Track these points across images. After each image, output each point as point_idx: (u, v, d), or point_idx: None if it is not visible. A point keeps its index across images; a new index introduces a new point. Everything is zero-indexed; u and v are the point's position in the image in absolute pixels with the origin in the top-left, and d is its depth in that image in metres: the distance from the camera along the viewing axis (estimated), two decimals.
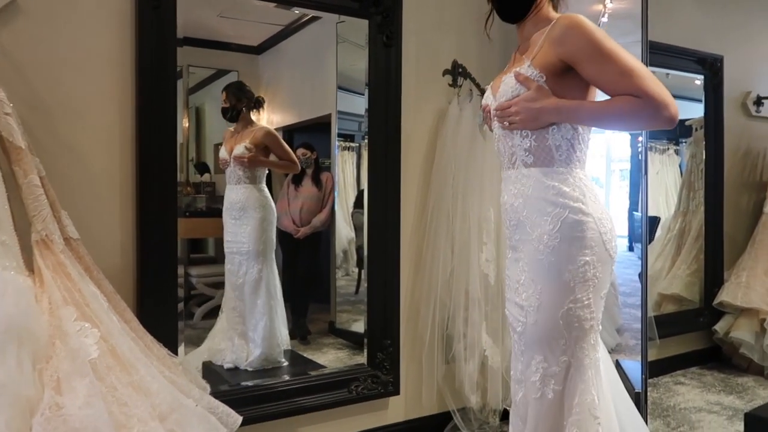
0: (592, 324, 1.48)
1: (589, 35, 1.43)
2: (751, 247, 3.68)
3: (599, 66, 1.43)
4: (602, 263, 1.48)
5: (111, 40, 1.95)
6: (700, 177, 3.80)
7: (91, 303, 1.49)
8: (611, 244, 1.49)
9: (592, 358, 1.48)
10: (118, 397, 1.38)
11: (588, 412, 1.45)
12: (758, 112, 3.96)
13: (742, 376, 3.49)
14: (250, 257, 2.56)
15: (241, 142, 2.56)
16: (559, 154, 1.50)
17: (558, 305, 1.47)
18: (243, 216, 2.57)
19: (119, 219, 1.97)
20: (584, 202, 1.48)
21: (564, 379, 1.48)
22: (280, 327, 2.61)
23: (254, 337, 2.54)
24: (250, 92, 2.58)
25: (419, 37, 2.60)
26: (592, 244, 1.46)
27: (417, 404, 2.62)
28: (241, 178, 2.56)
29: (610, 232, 1.49)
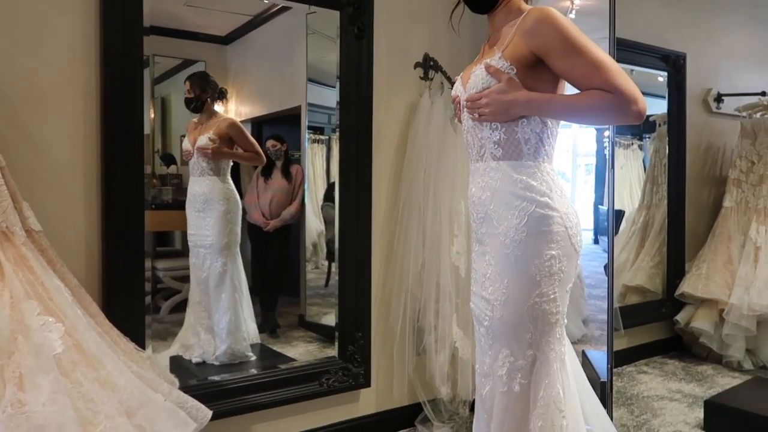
0: (557, 318, 1.49)
1: (560, 28, 1.44)
2: (711, 239, 3.79)
3: (570, 60, 1.43)
4: (568, 257, 1.49)
5: (75, 27, 1.89)
6: (663, 171, 3.90)
7: (55, 297, 1.45)
8: (577, 238, 1.50)
9: (558, 351, 1.50)
10: (84, 393, 1.34)
11: (553, 405, 1.46)
12: (718, 108, 4.08)
13: (701, 365, 3.61)
14: (213, 250, 2.53)
15: (204, 133, 2.52)
16: (527, 148, 1.51)
17: (524, 299, 1.47)
18: (207, 208, 2.53)
19: (83, 211, 1.92)
20: (551, 197, 1.49)
21: (530, 373, 1.49)
22: (246, 321, 2.59)
23: (219, 331, 2.51)
24: (214, 83, 2.54)
25: (391, 29, 2.59)
26: (558, 239, 1.47)
27: (388, 396, 2.63)
28: (204, 170, 2.52)
29: (575, 226, 1.51)
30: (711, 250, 3.73)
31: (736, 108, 3.93)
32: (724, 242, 3.69)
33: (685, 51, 3.83)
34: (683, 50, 3.83)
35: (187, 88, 2.52)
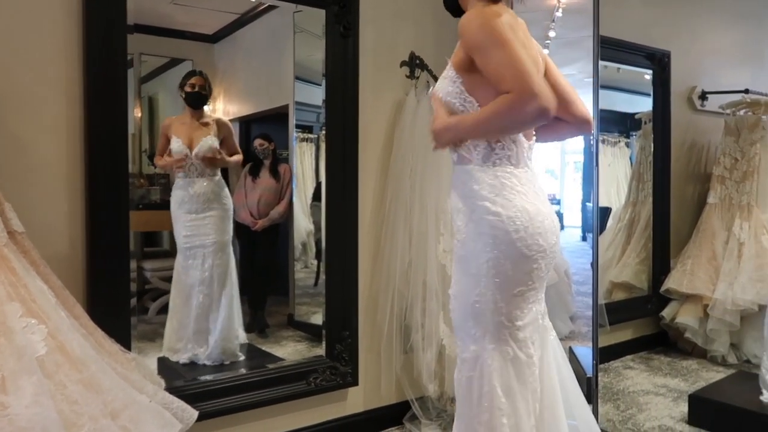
0: (500, 320, 1.50)
1: (476, 28, 1.45)
2: (696, 235, 3.83)
3: (484, 59, 1.44)
4: (511, 260, 1.49)
5: (57, 26, 1.88)
6: (648, 169, 3.94)
7: (38, 298, 1.44)
8: (525, 241, 1.49)
9: (504, 351, 1.51)
10: (68, 395, 1.34)
11: (494, 403, 1.49)
12: (703, 106, 4.12)
13: (686, 360, 3.65)
14: (215, 250, 2.54)
15: (199, 134, 2.51)
16: (476, 153, 1.54)
17: (467, 297, 1.53)
18: (207, 209, 2.53)
19: (67, 212, 1.91)
20: (493, 201, 1.50)
21: (474, 368, 1.53)
22: (238, 319, 2.59)
23: (215, 330, 2.51)
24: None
25: (377, 27, 2.60)
26: (497, 242, 1.49)
27: (376, 394, 2.64)
28: (204, 171, 2.52)
29: (524, 229, 1.49)
30: (695, 246, 3.76)
31: (719, 105, 3.97)
32: (708, 238, 3.73)
33: (670, 49, 3.87)
34: (668, 48, 3.86)
35: (199, 83, 2.50)
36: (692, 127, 4.09)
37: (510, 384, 1.50)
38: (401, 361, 2.63)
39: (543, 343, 1.60)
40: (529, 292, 1.53)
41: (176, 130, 2.50)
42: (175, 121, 2.52)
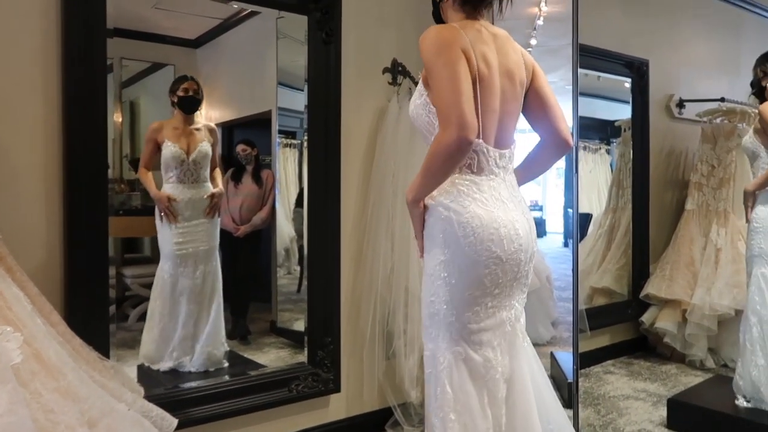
0: (452, 320, 1.55)
1: (425, 48, 1.54)
2: (674, 241, 3.89)
3: (430, 82, 1.53)
4: (460, 264, 1.53)
5: (35, 29, 1.86)
6: (628, 175, 3.99)
7: (14, 306, 1.41)
8: (475, 247, 1.52)
9: (455, 352, 1.55)
10: (44, 404, 1.31)
11: (444, 399, 1.54)
12: (680, 114, 4.19)
13: (666, 364, 3.69)
14: (207, 256, 2.52)
15: (193, 139, 2.50)
16: None
17: (425, 297, 1.61)
18: (201, 215, 2.51)
19: (45, 217, 1.88)
20: (446, 206, 1.55)
21: (431, 366, 1.59)
22: (223, 326, 2.58)
23: (201, 337, 2.49)
24: None
25: (359, 34, 2.61)
26: (448, 245, 1.54)
27: (358, 401, 2.63)
28: (200, 177, 2.51)
29: (473, 235, 1.52)
30: (674, 251, 3.82)
31: (697, 113, 4.04)
32: (686, 244, 3.79)
33: (648, 58, 3.93)
34: (646, 57, 3.93)
35: (192, 87, 2.48)
36: (670, 134, 4.16)
37: (462, 383, 1.54)
38: (384, 367, 2.63)
39: (513, 349, 1.61)
40: (486, 297, 1.56)
41: (169, 135, 2.46)
42: (167, 126, 2.47)
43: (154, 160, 2.45)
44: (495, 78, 1.56)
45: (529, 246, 1.62)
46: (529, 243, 1.62)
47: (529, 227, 1.63)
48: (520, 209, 1.62)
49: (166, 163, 2.45)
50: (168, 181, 2.47)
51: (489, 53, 1.56)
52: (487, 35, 1.59)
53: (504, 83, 1.59)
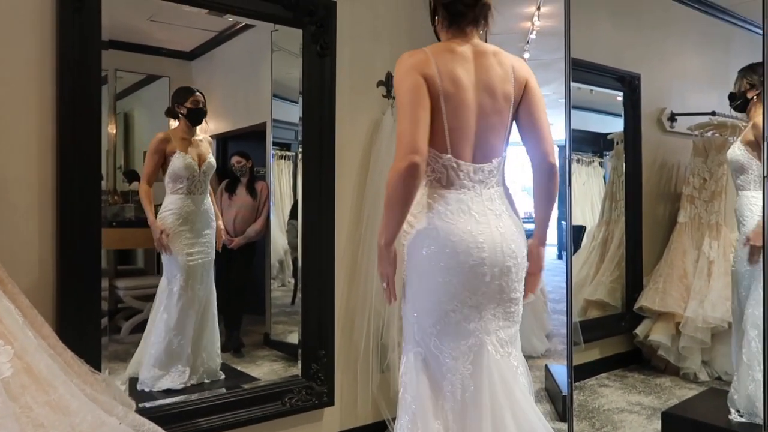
0: (414, 325, 1.68)
1: (394, 76, 1.66)
2: (667, 254, 3.90)
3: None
4: (418, 272, 1.65)
5: (29, 40, 1.86)
6: (621, 188, 4.01)
7: (5, 318, 1.40)
8: (431, 257, 1.61)
9: (415, 352, 1.68)
10: (34, 418, 1.30)
11: (403, 394, 1.69)
12: (672, 127, 4.22)
13: (660, 377, 3.69)
14: (209, 267, 2.54)
15: (202, 150, 2.53)
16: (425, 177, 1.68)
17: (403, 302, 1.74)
18: (208, 225, 2.54)
19: (37, 229, 1.87)
20: (415, 216, 1.66)
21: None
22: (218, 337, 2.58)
23: (204, 350, 2.49)
24: None
25: (354, 47, 2.62)
26: (411, 253, 1.67)
27: (352, 414, 2.61)
28: (206, 188, 2.54)
29: (428, 246, 1.62)
30: (667, 264, 3.83)
31: (688, 127, 4.07)
32: (679, 257, 3.80)
33: (640, 72, 3.97)
34: (638, 71, 3.96)
35: (201, 99, 2.49)
36: (662, 147, 4.19)
37: (420, 386, 1.65)
38: (378, 380, 2.62)
39: (478, 360, 1.63)
40: (446, 305, 1.62)
41: (179, 145, 2.46)
42: (174, 137, 2.47)
43: (158, 172, 2.44)
44: (467, 95, 1.63)
45: (498, 260, 1.62)
46: (498, 257, 1.62)
47: (501, 241, 1.63)
48: (494, 223, 1.63)
49: (176, 174, 2.45)
50: (176, 192, 2.46)
51: (461, 71, 1.62)
52: (467, 53, 1.66)
53: (482, 98, 1.64)
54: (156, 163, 2.43)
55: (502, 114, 1.67)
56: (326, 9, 2.48)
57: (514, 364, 1.67)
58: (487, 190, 1.66)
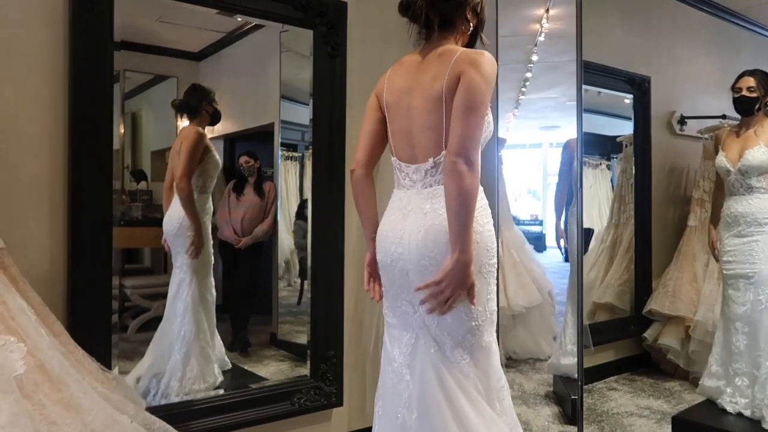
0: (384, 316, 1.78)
1: None
2: (677, 258, 3.88)
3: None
4: (381, 267, 1.76)
5: (42, 40, 1.87)
6: (630, 191, 3.99)
7: (17, 316, 1.40)
8: (378, 252, 1.75)
9: (384, 341, 1.78)
10: (47, 415, 1.30)
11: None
12: (682, 130, 4.20)
13: (669, 381, 3.66)
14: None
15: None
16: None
17: None
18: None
19: (48, 228, 1.88)
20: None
21: None
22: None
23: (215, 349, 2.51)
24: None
25: (364, 48, 2.62)
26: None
27: (360, 415, 2.60)
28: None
29: (378, 242, 1.75)
30: (677, 268, 3.81)
31: (698, 130, 4.06)
32: (689, 260, 3.78)
33: (650, 75, 3.96)
34: (648, 74, 3.95)
35: (216, 100, 2.52)
36: (672, 150, 4.17)
37: (383, 370, 1.77)
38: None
39: (413, 353, 1.67)
40: (389, 296, 1.75)
41: (209, 145, 2.53)
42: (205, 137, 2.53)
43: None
44: (401, 100, 1.71)
45: (414, 257, 1.62)
46: (413, 254, 1.62)
47: (421, 239, 1.61)
48: (419, 221, 1.64)
49: (209, 173, 2.50)
50: (205, 191, 2.51)
51: (400, 80, 1.74)
52: (414, 61, 1.74)
53: (414, 101, 1.68)
54: (197, 159, 2.45)
55: (433, 113, 1.63)
56: (337, 10, 2.48)
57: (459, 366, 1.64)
58: (428, 189, 1.66)
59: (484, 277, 1.65)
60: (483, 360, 1.65)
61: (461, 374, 1.62)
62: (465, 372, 1.62)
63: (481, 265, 1.63)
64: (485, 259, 1.65)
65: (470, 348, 1.64)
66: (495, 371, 1.69)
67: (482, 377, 1.65)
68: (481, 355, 1.65)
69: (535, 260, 4.11)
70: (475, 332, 1.64)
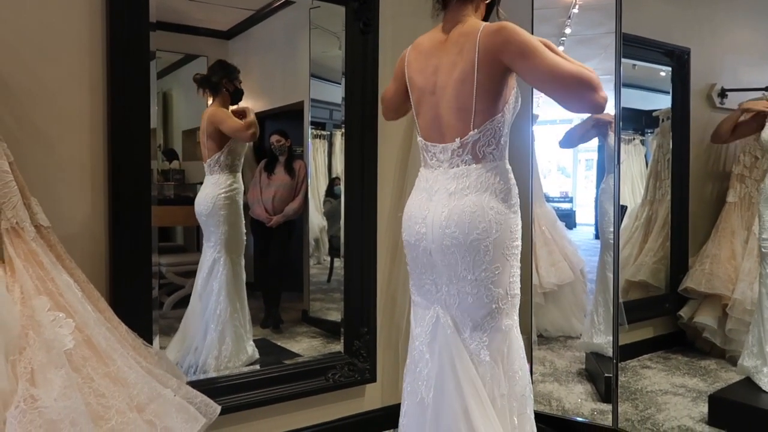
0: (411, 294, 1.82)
1: None
2: (715, 235, 3.79)
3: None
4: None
5: (81, 21, 1.88)
6: (666, 167, 3.89)
7: (65, 292, 1.44)
8: (403, 232, 1.77)
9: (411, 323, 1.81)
10: (95, 389, 1.35)
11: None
12: (722, 104, 4.07)
13: (705, 360, 3.61)
14: None
15: None
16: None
17: None
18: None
19: (90, 206, 1.92)
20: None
21: None
22: None
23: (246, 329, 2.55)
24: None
25: (396, 24, 2.58)
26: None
27: (394, 391, 2.63)
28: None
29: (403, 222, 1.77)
30: (714, 245, 3.72)
31: (739, 103, 3.92)
32: (728, 237, 3.69)
33: (689, 46, 3.82)
34: (687, 45, 3.82)
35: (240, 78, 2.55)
36: (711, 124, 4.04)
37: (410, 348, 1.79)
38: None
39: (434, 332, 1.69)
40: (413, 275, 1.78)
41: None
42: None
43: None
44: (428, 81, 1.70)
45: (436, 236, 1.62)
46: (435, 233, 1.62)
47: (444, 218, 1.61)
48: (444, 200, 1.62)
49: (238, 151, 2.54)
50: (237, 170, 2.55)
51: (423, 61, 1.73)
52: (437, 39, 1.72)
53: (440, 81, 1.67)
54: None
55: (462, 93, 1.62)
56: None
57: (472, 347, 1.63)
58: (453, 170, 1.64)
59: (506, 259, 1.63)
60: (500, 343, 1.64)
61: (477, 361, 1.61)
62: (481, 358, 1.61)
63: (504, 246, 1.61)
64: (508, 241, 1.62)
65: (490, 330, 1.63)
66: (516, 359, 1.66)
67: (503, 362, 1.63)
68: (499, 337, 1.64)
69: (566, 238, 4.06)
70: (495, 315, 1.63)
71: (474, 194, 1.60)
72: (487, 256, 1.60)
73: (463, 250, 1.60)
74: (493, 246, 1.59)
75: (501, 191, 1.62)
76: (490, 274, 1.61)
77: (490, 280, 1.61)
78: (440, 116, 1.67)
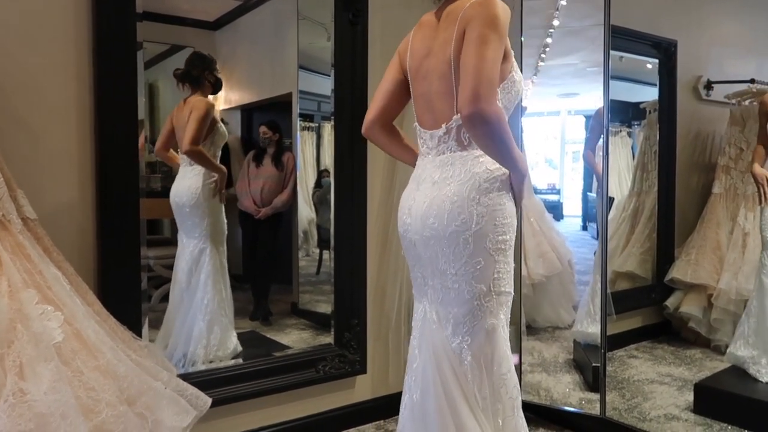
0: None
1: None
2: (700, 226, 3.83)
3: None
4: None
5: (67, 12, 1.86)
6: (653, 158, 3.92)
7: (53, 285, 1.43)
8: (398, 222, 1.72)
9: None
10: (85, 382, 1.34)
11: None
12: (708, 96, 4.10)
13: (690, 349, 3.66)
14: None
15: None
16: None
17: None
18: None
19: (78, 198, 1.90)
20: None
21: None
22: None
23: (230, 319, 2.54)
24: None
25: (386, 15, 2.57)
26: None
27: (384, 382, 2.64)
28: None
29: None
30: (700, 236, 3.76)
31: (725, 95, 3.95)
32: (713, 228, 3.73)
33: (676, 38, 3.84)
34: (674, 38, 3.84)
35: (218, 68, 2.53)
36: (697, 116, 4.08)
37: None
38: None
39: (422, 326, 1.66)
40: (410, 269, 1.73)
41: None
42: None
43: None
44: (421, 64, 1.64)
45: (418, 228, 1.58)
46: (417, 225, 1.58)
47: (425, 209, 1.56)
48: (427, 190, 1.58)
49: (218, 143, 2.53)
50: (216, 161, 2.53)
51: (418, 43, 1.66)
52: (432, 21, 1.65)
53: (430, 64, 1.62)
54: (206, 129, 2.46)
55: (446, 77, 1.56)
56: None
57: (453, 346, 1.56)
58: (442, 157, 1.59)
59: (490, 253, 1.52)
60: (484, 344, 1.54)
61: (458, 362, 1.54)
62: (462, 358, 1.54)
63: (486, 240, 1.52)
64: (492, 235, 1.52)
65: (472, 329, 1.54)
66: (503, 361, 1.57)
67: (486, 365, 1.55)
68: (482, 338, 1.54)
69: (554, 229, 4.08)
70: (476, 313, 1.54)
71: (456, 184, 1.53)
72: (467, 249, 1.51)
73: (442, 243, 1.53)
74: (473, 239, 1.50)
75: (486, 180, 1.53)
76: (471, 269, 1.52)
77: (471, 274, 1.52)
78: (431, 101, 1.62)
